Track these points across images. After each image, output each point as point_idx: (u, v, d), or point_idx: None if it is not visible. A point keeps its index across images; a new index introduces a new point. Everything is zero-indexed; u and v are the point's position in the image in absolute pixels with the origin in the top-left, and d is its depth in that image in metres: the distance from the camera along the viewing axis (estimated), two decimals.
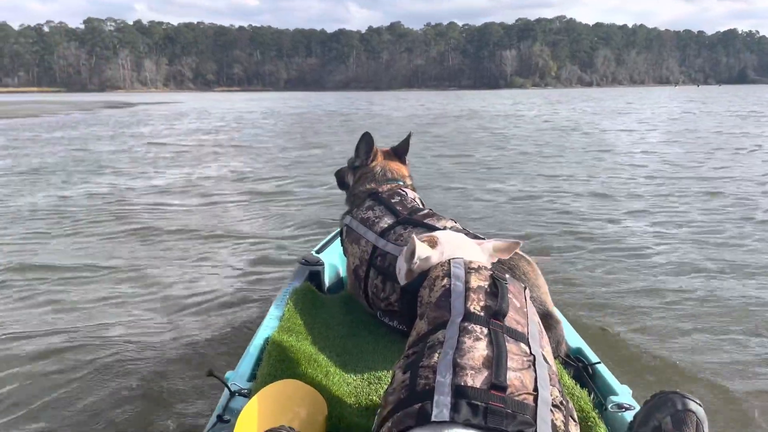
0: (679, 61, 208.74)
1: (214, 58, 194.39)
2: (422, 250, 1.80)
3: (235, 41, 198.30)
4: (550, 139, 16.80)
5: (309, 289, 2.79)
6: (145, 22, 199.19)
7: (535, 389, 1.32)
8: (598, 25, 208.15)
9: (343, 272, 3.30)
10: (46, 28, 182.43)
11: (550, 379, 1.40)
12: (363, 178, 2.92)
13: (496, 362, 1.33)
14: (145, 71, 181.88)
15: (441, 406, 1.25)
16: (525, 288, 1.70)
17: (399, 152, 3.05)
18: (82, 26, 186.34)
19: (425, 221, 2.55)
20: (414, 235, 1.86)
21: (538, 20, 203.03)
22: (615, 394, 1.99)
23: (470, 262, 1.66)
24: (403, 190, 2.82)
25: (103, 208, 7.83)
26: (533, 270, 2.31)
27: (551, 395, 1.35)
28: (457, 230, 2.43)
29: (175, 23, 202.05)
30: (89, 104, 53.75)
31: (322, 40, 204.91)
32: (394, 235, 2.56)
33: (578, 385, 2.02)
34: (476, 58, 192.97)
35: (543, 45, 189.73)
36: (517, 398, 1.28)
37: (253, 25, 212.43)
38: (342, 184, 3.07)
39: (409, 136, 3.05)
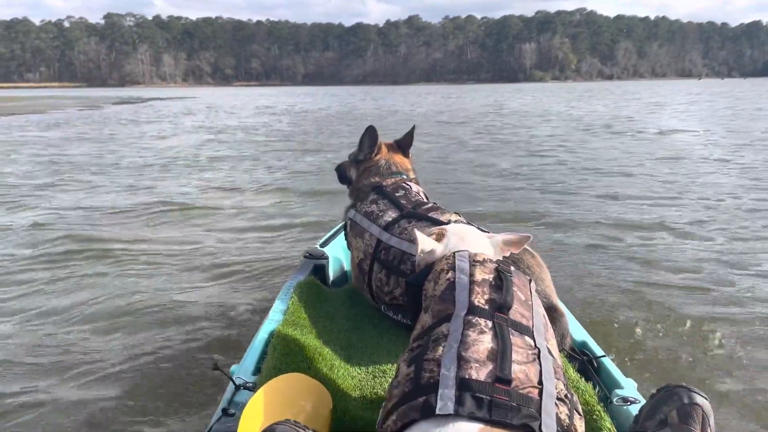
0: (701, 54, 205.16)
1: (232, 52, 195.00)
2: (425, 242, 1.80)
3: (253, 36, 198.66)
4: (607, 145, 13.85)
5: (313, 283, 2.79)
6: (164, 17, 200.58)
7: (540, 382, 1.32)
8: (619, 17, 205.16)
9: (347, 266, 3.28)
10: (66, 24, 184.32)
11: (555, 373, 1.39)
12: (367, 172, 2.91)
13: (500, 355, 1.33)
14: (164, 66, 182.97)
15: (445, 399, 1.25)
16: (530, 281, 1.69)
17: (402, 145, 3.02)
18: (102, 21, 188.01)
19: (429, 215, 2.55)
20: (416, 229, 1.87)
21: (558, 12, 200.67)
22: (620, 387, 1.99)
23: (475, 254, 1.66)
24: (408, 184, 2.81)
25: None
26: (537, 263, 2.32)
27: (556, 388, 1.35)
28: (460, 222, 2.43)
29: (194, 18, 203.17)
30: (103, 99, 53.56)
31: (340, 34, 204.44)
32: (398, 228, 2.55)
33: (583, 379, 2.03)
34: (495, 52, 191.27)
35: (563, 38, 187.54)
36: (521, 391, 1.28)
37: (271, 19, 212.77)
38: (344, 178, 3.06)
39: (412, 129, 3.03)
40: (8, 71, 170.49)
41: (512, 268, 1.67)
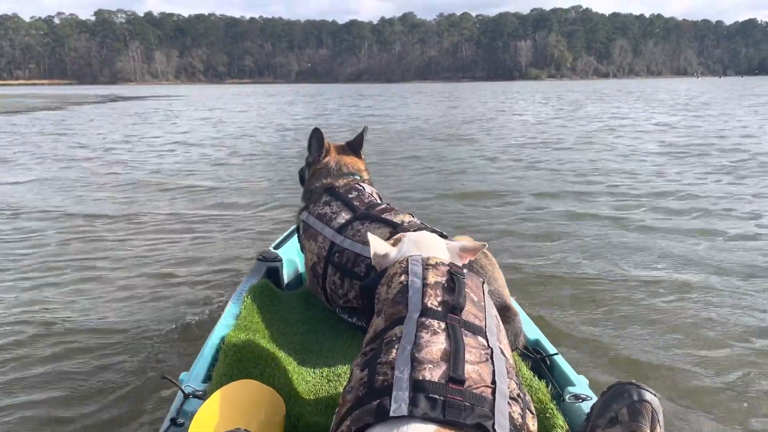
0: (697, 52, 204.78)
1: (225, 50, 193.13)
2: (378, 245, 1.80)
3: (246, 33, 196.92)
4: (704, 172, 9.54)
5: (267, 286, 2.75)
6: (155, 13, 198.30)
7: (493, 382, 1.33)
8: (614, 15, 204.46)
9: (301, 268, 3.26)
10: (56, 20, 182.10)
11: (508, 372, 1.41)
12: (318, 174, 2.90)
13: (453, 356, 1.33)
14: (156, 63, 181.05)
15: (399, 401, 1.25)
16: (483, 282, 1.71)
17: (353, 146, 3.00)
18: (93, 18, 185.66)
19: (383, 216, 2.54)
20: (369, 233, 1.87)
21: (554, 10, 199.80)
22: (572, 384, 2.01)
23: (428, 258, 1.66)
24: (360, 185, 2.79)
25: None
26: (491, 263, 2.32)
27: (509, 388, 1.36)
28: (415, 224, 2.45)
29: (186, 15, 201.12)
30: (83, 98, 51.47)
31: (334, 31, 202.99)
32: (351, 230, 2.53)
33: (536, 377, 2.05)
34: (490, 49, 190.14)
35: (559, 35, 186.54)
36: (475, 391, 1.29)
37: (264, 16, 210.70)
38: (303, 181, 3.07)
39: (363, 131, 3.00)
40: None
41: (465, 270, 1.68)
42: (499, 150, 12.73)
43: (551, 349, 2.29)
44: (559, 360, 2.20)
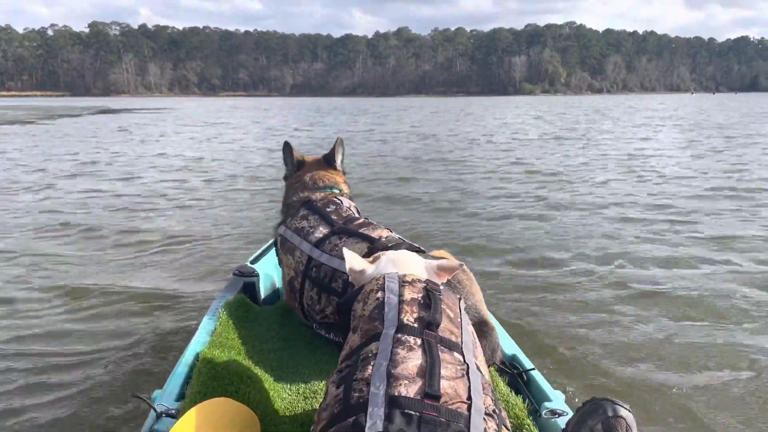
0: (689, 69, 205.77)
1: (219, 62, 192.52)
2: (354, 261, 1.79)
3: (241, 46, 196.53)
4: None
5: (243, 301, 2.71)
6: (150, 26, 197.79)
7: (469, 398, 1.33)
8: (608, 31, 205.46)
9: (278, 283, 3.20)
10: (50, 32, 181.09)
11: (483, 388, 1.40)
12: (294, 188, 2.90)
13: (429, 372, 1.33)
14: (150, 76, 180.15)
15: (375, 418, 1.24)
16: (460, 299, 1.70)
17: (328, 159, 2.99)
18: (87, 30, 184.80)
19: (360, 231, 2.52)
20: (345, 249, 1.86)
21: (548, 26, 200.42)
22: (549, 400, 2.00)
23: (405, 275, 1.65)
24: (338, 198, 2.78)
25: None
26: (468, 277, 2.31)
27: (484, 404, 1.35)
28: (393, 239, 2.47)
29: (181, 27, 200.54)
30: (69, 110, 50.59)
31: (328, 45, 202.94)
32: (329, 245, 2.52)
33: (513, 392, 2.05)
34: (484, 64, 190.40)
35: (553, 51, 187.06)
36: (450, 407, 1.29)
37: (259, 30, 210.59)
38: None
39: (336, 142, 2.97)
40: None
41: (442, 286, 1.68)
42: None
43: (528, 364, 2.29)
44: (536, 375, 2.19)
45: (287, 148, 2.93)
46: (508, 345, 2.43)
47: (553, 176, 11.21)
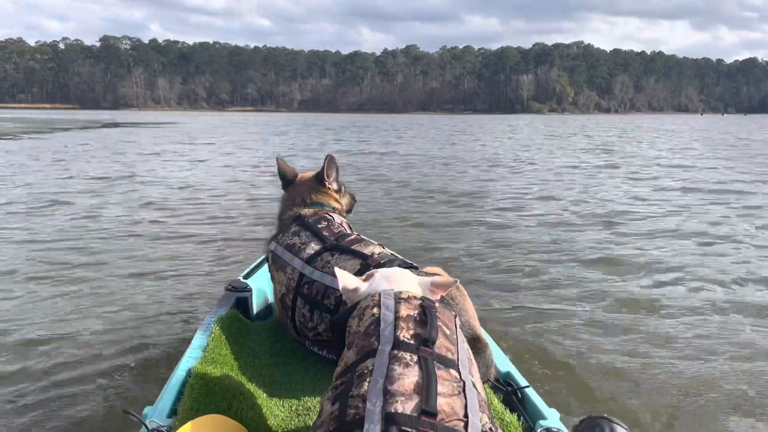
0: (697, 90, 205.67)
1: (228, 77, 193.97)
2: (346, 279, 1.79)
3: (250, 61, 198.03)
4: None
5: (235, 317, 2.69)
6: (160, 40, 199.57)
7: (465, 415, 1.32)
8: (615, 51, 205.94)
9: (271, 298, 3.18)
10: (62, 45, 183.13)
11: (480, 406, 1.40)
12: (287, 204, 2.90)
13: (426, 388, 1.32)
14: (159, 89, 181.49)
15: None
16: (455, 316, 1.70)
17: (320, 177, 2.95)
18: (98, 44, 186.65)
19: (353, 247, 2.50)
20: (337, 268, 1.85)
21: (556, 45, 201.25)
22: (544, 418, 1.99)
23: (400, 292, 1.65)
24: (330, 215, 2.76)
25: None
26: (461, 294, 2.30)
27: (481, 421, 1.35)
28: (385, 255, 2.45)
29: (191, 42, 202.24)
30: (72, 122, 49.74)
31: (337, 61, 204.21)
32: (321, 261, 2.50)
33: (508, 410, 2.05)
34: (492, 82, 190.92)
35: (560, 70, 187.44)
36: (447, 424, 1.28)
37: (268, 45, 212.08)
38: None
39: (326, 159, 2.92)
40: (0, 91, 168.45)
41: (437, 303, 1.68)
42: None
43: (522, 381, 2.26)
44: (531, 393, 2.16)
45: (279, 164, 2.97)
46: (502, 362, 2.40)
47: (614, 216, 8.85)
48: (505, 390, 2.20)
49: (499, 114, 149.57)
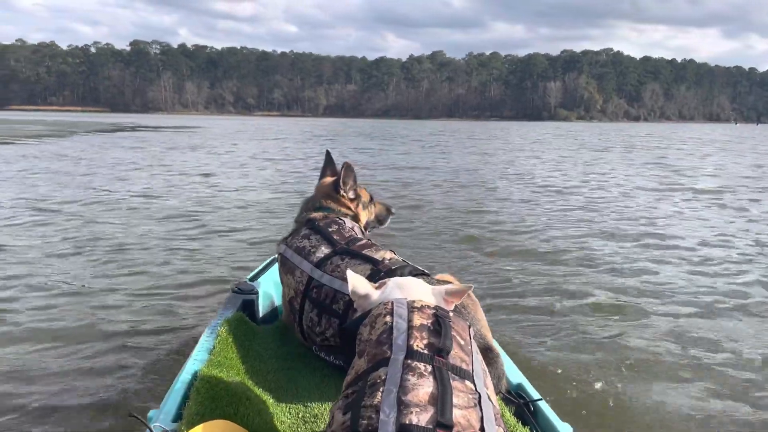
0: (729, 98, 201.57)
1: (255, 82, 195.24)
2: (358, 284, 1.75)
3: (277, 67, 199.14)
4: None
5: (242, 320, 2.64)
6: (189, 45, 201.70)
7: (482, 428, 1.29)
8: (645, 58, 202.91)
9: (278, 301, 3.16)
10: (93, 49, 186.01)
11: (495, 419, 1.36)
12: (303, 207, 2.92)
13: (441, 400, 1.28)
14: (187, 94, 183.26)
15: None
16: (470, 326, 1.66)
17: (336, 184, 2.92)
18: (128, 48, 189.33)
19: (363, 252, 2.47)
20: (350, 271, 1.83)
21: (585, 52, 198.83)
22: None
23: (413, 301, 1.61)
24: (341, 219, 2.75)
25: None
26: (473, 303, 2.26)
27: None
28: (396, 261, 2.42)
29: (219, 47, 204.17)
30: (93, 125, 49.97)
31: (362, 67, 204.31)
32: (330, 266, 2.46)
33: (520, 423, 2.00)
34: (519, 89, 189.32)
35: (589, 77, 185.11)
36: None
37: (295, 51, 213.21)
38: None
39: (342, 166, 2.89)
40: (32, 94, 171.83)
41: (452, 313, 1.64)
42: None
43: (535, 394, 2.20)
44: (543, 406, 2.11)
45: (327, 155, 3.06)
46: (513, 373, 2.35)
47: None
48: (517, 402, 2.14)
49: (526, 121, 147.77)
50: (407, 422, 1.22)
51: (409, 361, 1.38)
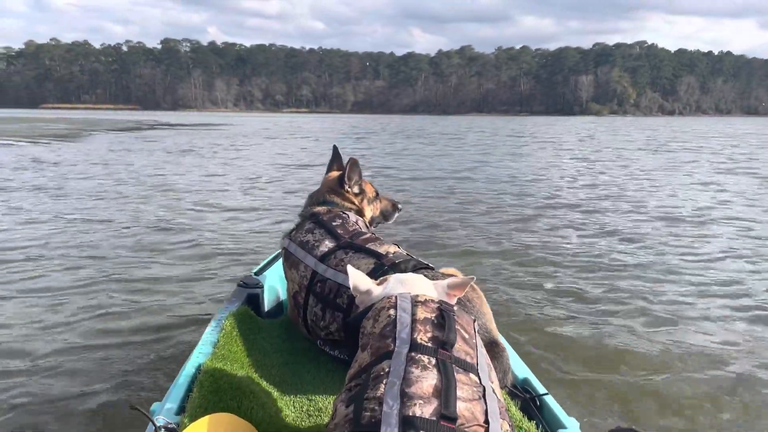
0: (767, 91, 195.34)
1: (283, 79, 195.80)
2: (358, 279, 1.75)
3: (305, 63, 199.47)
4: None
5: (246, 313, 2.66)
6: (218, 43, 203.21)
7: (486, 421, 1.28)
8: (680, 51, 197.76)
9: (283, 295, 3.17)
10: (124, 48, 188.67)
11: (500, 413, 1.35)
12: (307, 201, 2.92)
13: (445, 392, 1.27)
14: (216, 91, 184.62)
15: None
16: (474, 320, 1.66)
17: (341, 180, 2.91)
18: (159, 46, 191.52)
19: (367, 246, 2.47)
20: (350, 266, 1.81)
21: (617, 45, 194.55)
22: (563, 427, 1.94)
23: (417, 295, 1.61)
24: (345, 213, 2.74)
25: None
26: (479, 297, 2.26)
27: (502, 428, 1.31)
28: (400, 255, 2.42)
29: (248, 45, 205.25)
30: (116, 123, 50.09)
31: (390, 63, 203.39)
32: (334, 260, 2.46)
33: (526, 417, 1.99)
34: (549, 84, 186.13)
35: (622, 71, 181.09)
36: (467, 430, 1.24)
37: (323, 47, 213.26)
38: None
39: (348, 161, 2.88)
40: (66, 92, 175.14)
41: (456, 307, 1.63)
42: None
43: (541, 388, 2.19)
44: (549, 400, 2.10)
45: (333, 152, 3.04)
46: (519, 367, 2.33)
47: None
48: (523, 397, 2.14)
49: (557, 116, 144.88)
50: (411, 414, 1.21)
51: (413, 354, 1.37)
